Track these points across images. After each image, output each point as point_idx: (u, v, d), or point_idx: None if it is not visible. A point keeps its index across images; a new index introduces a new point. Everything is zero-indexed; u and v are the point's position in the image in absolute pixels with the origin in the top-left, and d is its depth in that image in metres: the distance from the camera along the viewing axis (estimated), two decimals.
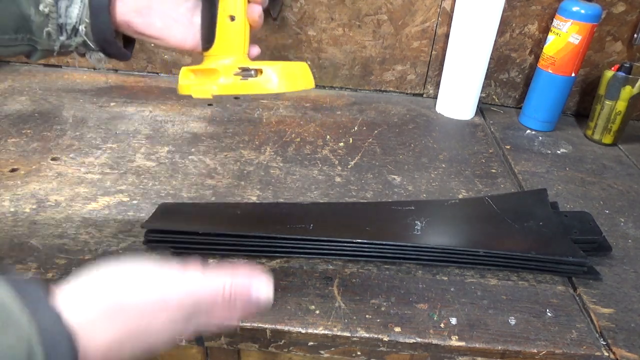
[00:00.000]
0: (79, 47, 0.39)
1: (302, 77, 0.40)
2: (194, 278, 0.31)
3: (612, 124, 0.81)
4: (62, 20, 0.37)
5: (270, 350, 0.45)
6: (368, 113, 0.87)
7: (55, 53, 0.39)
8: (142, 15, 0.39)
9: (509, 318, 0.46)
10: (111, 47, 0.39)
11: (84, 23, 0.37)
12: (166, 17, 0.40)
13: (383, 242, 0.50)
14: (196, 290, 0.31)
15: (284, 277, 0.48)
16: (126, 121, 0.76)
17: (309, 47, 0.91)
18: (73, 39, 0.38)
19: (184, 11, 0.41)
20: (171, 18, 0.40)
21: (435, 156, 0.74)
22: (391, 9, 0.86)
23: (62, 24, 0.37)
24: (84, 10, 0.37)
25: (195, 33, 0.41)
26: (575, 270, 0.51)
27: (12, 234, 0.51)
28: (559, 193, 0.68)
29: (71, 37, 0.38)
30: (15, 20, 0.36)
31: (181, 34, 0.41)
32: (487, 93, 0.94)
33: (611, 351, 0.44)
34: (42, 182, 0.60)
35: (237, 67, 0.40)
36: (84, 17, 0.37)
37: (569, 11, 0.77)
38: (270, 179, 0.64)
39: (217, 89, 0.40)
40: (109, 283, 0.29)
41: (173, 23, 0.41)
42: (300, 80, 0.40)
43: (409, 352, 0.44)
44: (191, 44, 0.41)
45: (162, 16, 0.40)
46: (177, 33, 0.41)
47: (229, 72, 0.40)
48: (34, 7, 0.36)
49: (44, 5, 0.35)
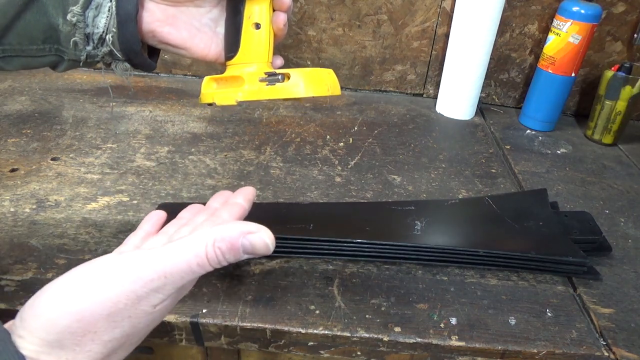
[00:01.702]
0: (105, 57, 0.39)
1: (329, 82, 0.40)
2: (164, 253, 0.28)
3: (612, 124, 0.81)
4: (89, 30, 0.37)
5: (270, 350, 0.45)
6: (368, 113, 0.87)
7: (81, 63, 0.39)
8: (167, 25, 0.39)
9: (509, 318, 0.46)
10: (137, 57, 0.39)
11: (111, 32, 0.37)
12: (191, 27, 0.40)
13: (383, 242, 0.50)
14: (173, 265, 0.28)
15: (284, 277, 0.48)
16: (126, 121, 0.76)
17: (309, 47, 0.91)
18: (100, 49, 0.38)
19: (207, 21, 0.41)
20: (195, 28, 0.41)
21: (435, 156, 0.74)
22: (391, 9, 0.86)
23: (89, 33, 0.37)
24: (111, 19, 0.37)
25: (219, 43, 0.41)
26: (575, 270, 0.51)
27: (12, 234, 0.51)
28: (559, 193, 0.68)
29: (98, 46, 0.38)
30: (44, 30, 0.36)
31: (205, 44, 0.41)
32: (487, 93, 0.94)
33: (611, 351, 0.44)
34: (42, 182, 0.60)
35: (263, 73, 0.39)
36: (111, 27, 0.37)
37: (569, 11, 0.77)
38: (270, 179, 0.64)
39: (243, 95, 0.39)
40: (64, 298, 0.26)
41: (197, 33, 0.41)
42: (326, 85, 0.39)
43: (409, 352, 0.44)
44: (214, 54, 0.42)
45: (187, 26, 0.40)
46: (201, 42, 0.41)
47: (254, 79, 0.39)
48: (61, 17, 0.36)
49: (72, 15, 0.36)
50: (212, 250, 0.28)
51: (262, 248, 0.29)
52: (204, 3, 0.41)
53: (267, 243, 0.29)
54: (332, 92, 0.40)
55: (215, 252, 0.28)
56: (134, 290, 0.27)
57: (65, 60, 0.38)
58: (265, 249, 0.29)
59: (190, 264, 0.28)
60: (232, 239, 0.29)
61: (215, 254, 0.28)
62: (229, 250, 0.29)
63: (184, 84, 0.92)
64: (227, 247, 0.28)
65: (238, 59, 0.40)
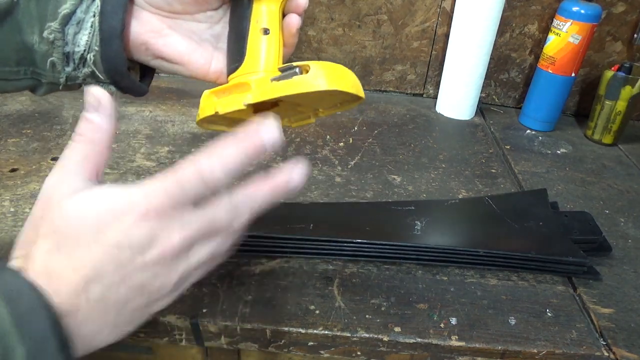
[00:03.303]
0: (88, 79, 0.35)
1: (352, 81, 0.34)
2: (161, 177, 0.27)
3: (612, 124, 0.81)
4: (69, 49, 0.33)
5: (270, 350, 0.45)
6: (368, 113, 0.87)
7: (61, 86, 0.35)
8: (163, 36, 0.35)
9: (509, 318, 0.46)
10: (123, 79, 0.35)
11: (93, 51, 0.33)
12: (190, 40, 0.36)
13: (383, 242, 0.50)
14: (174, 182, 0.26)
15: (284, 277, 0.48)
16: (126, 121, 0.76)
17: (309, 47, 0.91)
18: (81, 70, 0.34)
19: (208, 37, 0.37)
20: (194, 42, 0.36)
21: (435, 156, 0.74)
22: (391, 9, 0.86)
23: (69, 52, 0.33)
24: (93, 36, 0.32)
25: (220, 60, 0.37)
26: (575, 270, 0.51)
27: (12, 234, 0.51)
28: (559, 193, 0.68)
29: (79, 67, 0.34)
30: (17, 50, 0.32)
31: (205, 60, 0.37)
32: (487, 93, 0.94)
33: (611, 351, 0.44)
34: (42, 182, 0.59)
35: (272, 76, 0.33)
36: (94, 45, 0.32)
37: (569, 11, 0.77)
38: None
39: (253, 97, 0.33)
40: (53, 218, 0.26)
41: (197, 47, 0.36)
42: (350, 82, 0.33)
43: (409, 352, 0.44)
44: (215, 72, 0.37)
45: (185, 39, 0.36)
46: (201, 58, 0.36)
47: (264, 80, 0.33)
48: (37, 35, 0.32)
49: (49, 31, 0.32)
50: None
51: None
52: (205, 18, 0.37)
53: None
54: (356, 91, 0.34)
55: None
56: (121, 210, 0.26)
57: (43, 84, 0.35)
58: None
59: None
60: None
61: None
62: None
63: (184, 84, 0.92)
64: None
65: (243, 69, 0.35)
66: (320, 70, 0.32)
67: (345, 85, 0.33)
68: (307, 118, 0.41)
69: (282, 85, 0.32)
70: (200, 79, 0.37)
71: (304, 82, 0.32)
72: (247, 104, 0.33)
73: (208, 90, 0.36)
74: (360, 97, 0.35)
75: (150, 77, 0.39)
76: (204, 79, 0.37)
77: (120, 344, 0.29)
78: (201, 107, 0.36)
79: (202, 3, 0.36)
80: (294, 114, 0.41)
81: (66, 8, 0.32)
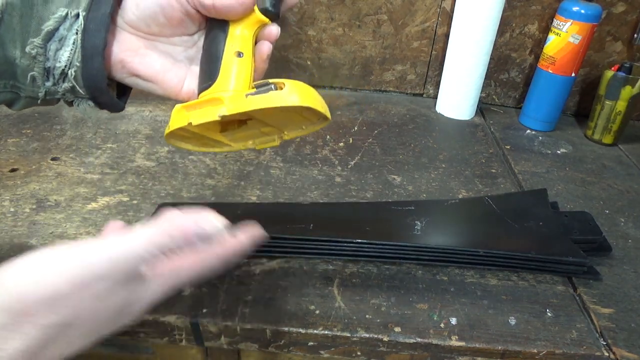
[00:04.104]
0: (67, 94, 0.35)
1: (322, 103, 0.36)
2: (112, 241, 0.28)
3: (612, 124, 0.81)
4: (50, 64, 0.33)
5: (270, 350, 0.45)
6: (368, 113, 0.87)
7: (39, 101, 0.35)
8: (139, 55, 0.36)
9: (509, 318, 0.46)
10: (102, 95, 0.35)
11: (74, 67, 0.33)
12: (164, 61, 0.37)
13: (383, 242, 0.50)
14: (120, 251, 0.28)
15: (284, 277, 0.48)
16: (126, 121, 0.76)
17: (309, 47, 0.91)
18: (60, 85, 0.34)
19: (182, 59, 0.38)
20: (169, 62, 0.37)
21: (435, 156, 0.74)
22: (391, 9, 0.86)
23: (50, 67, 0.34)
24: (75, 53, 0.33)
25: (193, 81, 0.38)
26: (575, 270, 0.51)
27: (12, 234, 0.51)
28: (559, 193, 0.68)
29: (58, 82, 0.34)
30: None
31: (179, 79, 0.38)
32: (487, 93, 0.94)
33: (611, 351, 0.44)
34: (42, 182, 0.60)
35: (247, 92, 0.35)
36: (75, 61, 0.33)
37: (569, 11, 0.77)
38: (270, 179, 0.64)
39: (227, 109, 0.34)
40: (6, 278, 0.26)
41: (171, 67, 0.37)
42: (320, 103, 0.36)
43: (409, 352, 0.44)
44: (187, 92, 0.38)
45: (160, 59, 0.37)
46: (175, 77, 0.37)
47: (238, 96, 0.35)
48: (20, 50, 0.33)
49: (32, 47, 0.32)
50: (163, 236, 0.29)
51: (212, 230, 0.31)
52: (181, 42, 0.38)
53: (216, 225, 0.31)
54: (325, 111, 0.36)
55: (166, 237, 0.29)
56: (76, 274, 0.26)
57: (21, 98, 0.35)
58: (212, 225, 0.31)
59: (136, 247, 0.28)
60: (182, 223, 0.30)
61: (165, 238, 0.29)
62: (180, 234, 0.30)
63: None
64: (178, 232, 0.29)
65: (215, 87, 0.36)
66: (294, 87, 0.34)
67: (317, 104, 0.35)
68: (272, 140, 0.43)
69: (258, 99, 0.34)
70: (173, 98, 0.38)
71: (279, 97, 0.34)
72: (221, 115, 0.34)
73: (179, 105, 0.37)
74: (327, 118, 0.37)
75: (127, 94, 0.40)
76: (176, 98, 0.38)
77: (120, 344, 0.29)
78: (172, 119, 0.37)
79: (178, 27, 0.37)
80: (259, 136, 0.42)
81: (49, 25, 0.33)
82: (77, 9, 0.33)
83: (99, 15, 0.33)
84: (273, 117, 0.37)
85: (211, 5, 0.34)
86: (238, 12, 0.35)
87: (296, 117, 0.38)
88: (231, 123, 0.39)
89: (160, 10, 0.35)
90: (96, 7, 0.33)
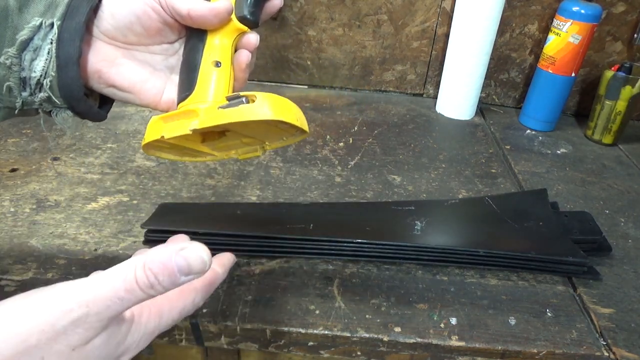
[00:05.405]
0: (44, 104, 0.34)
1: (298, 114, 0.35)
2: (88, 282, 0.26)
3: (612, 124, 0.81)
4: (26, 74, 0.33)
5: (270, 350, 0.45)
6: (368, 113, 0.87)
7: (17, 111, 0.35)
8: (115, 65, 0.35)
9: (509, 318, 0.46)
10: (80, 104, 0.35)
11: (50, 77, 0.33)
12: (142, 71, 0.36)
13: (383, 242, 0.50)
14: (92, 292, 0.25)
15: (284, 277, 0.48)
16: (126, 121, 0.76)
17: (309, 47, 0.91)
18: (37, 95, 0.34)
19: (162, 68, 0.38)
20: (147, 72, 0.37)
21: (435, 156, 0.74)
22: (391, 9, 0.86)
23: (26, 77, 0.33)
24: (50, 63, 0.33)
25: (172, 91, 0.37)
26: (575, 270, 0.51)
27: (12, 234, 0.51)
28: (559, 193, 0.68)
29: (35, 92, 0.34)
30: None
31: (157, 90, 0.37)
32: (487, 93, 0.94)
33: (611, 351, 0.44)
34: (42, 182, 0.60)
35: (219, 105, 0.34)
36: (50, 71, 0.33)
37: (569, 11, 0.77)
38: (270, 179, 0.64)
39: (199, 122, 0.33)
40: None
41: (149, 77, 0.37)
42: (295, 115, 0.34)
43: (409, 352, 0.44)
44: (166, 102, 0.37)
45: (138, 69, 0.36)
46: (153, 88, 0.37)
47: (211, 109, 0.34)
48: None
49: (6, 57, 0.32)
50: (143, 273, 0.26)
51: (199, 263, 0.27)
52: (160, 50, 0.37)
53: (203, 256, 0.27)
54: (301, 124, 0.34)
55: (146, 274, 0.26)
56: (49, 322, 0.24)
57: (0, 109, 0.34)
58: (202, 264, 0.27)
59: (116, 290, 0.26)
60: (164, 259, 0.27)
61: (146, 275, 0.26)
62: (162, 271, 0.26)
63: None
64: (160, 268, 0.26)
65: (193, 98, 0.35)
66: (266, 100, 0.33)
67: (290, 117, 0.33)
68: (254, 151, 0.42)
69: (228, 113, 0.33)
70: (152, 108, 0.38)
71: (249, 110, 0.32)
72: (192, 129, 0.33)
73: (156, 116, 0.36)
74: (305, 132, 0.36)
75: (110, 103, 0.39)
76: (155, 108, 0.38)
77: None
78: (147, 131, 0.36)
79: (156, 36, 0.36)
80: (241, 146, 0.41)
81: (24, 34, 0.32)
82: (52, 19, 0.32)
83: (73, 24, 0.32)
84: (249, 129, 0.37)
85: (187, 14, 0.34)
86: (213, 22, 0.35)
87: (273, 129, 0.37)
88: (211, 134, 0.38)
89: (136, 19, 0.34)
90: (71, 17, 0.32)
